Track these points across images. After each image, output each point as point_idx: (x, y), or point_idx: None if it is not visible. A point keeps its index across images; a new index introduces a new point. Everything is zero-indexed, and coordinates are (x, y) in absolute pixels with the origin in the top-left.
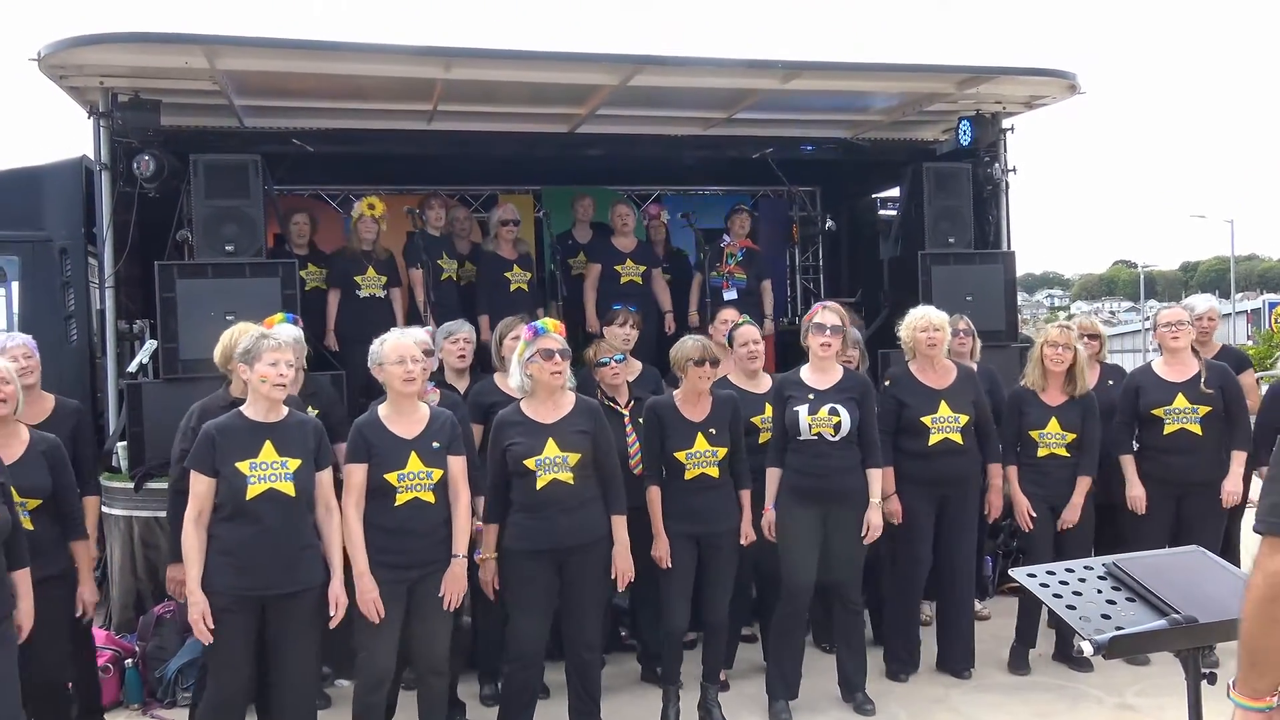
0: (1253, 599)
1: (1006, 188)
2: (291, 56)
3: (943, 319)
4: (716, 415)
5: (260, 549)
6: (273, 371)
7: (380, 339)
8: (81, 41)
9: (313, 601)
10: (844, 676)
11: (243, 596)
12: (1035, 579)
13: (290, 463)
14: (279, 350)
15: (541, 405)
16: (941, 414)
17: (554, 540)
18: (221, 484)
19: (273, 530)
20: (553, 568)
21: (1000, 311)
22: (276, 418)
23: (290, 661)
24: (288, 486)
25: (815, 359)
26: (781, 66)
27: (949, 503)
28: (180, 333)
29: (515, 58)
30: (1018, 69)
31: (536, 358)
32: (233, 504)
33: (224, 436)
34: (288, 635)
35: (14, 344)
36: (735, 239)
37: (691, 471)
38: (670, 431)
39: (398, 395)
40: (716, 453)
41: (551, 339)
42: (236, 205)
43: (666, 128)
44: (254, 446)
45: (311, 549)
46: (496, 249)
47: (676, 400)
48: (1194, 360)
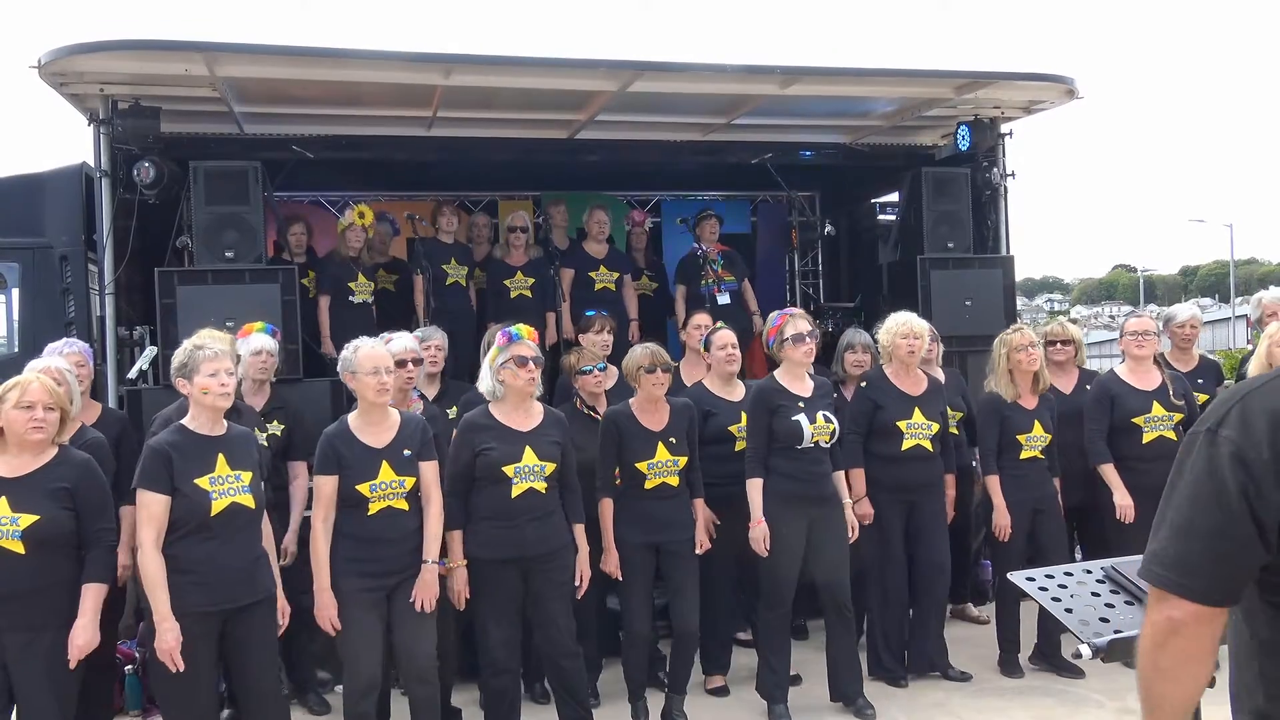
0: (1142, 649)
1: (1005, 192)
2: (291, 63)
3: (923, 326)
4: (675, 424)
5: (222, 563)
6: (213, 382)
7: (353, 345)
8: (81, 49)
9: (270, 609)
10: (837, 677)
11: (205, 614)
12: (1034, 583)
13: (244, 475)
14: (216, 360)
15: (514, 411)
16: (916, 420)
17: (522, 549)
18: (180, 501)
19: (234, 544)
20: (519, 576)
21: (999, 316)
22: (222, 430)
23: (255, 670)
24: (248, 499)
25: (793, 367)
26: (780, 72)
27: (917, 508)
28: (180, 339)
29: (514, 64)
30: (1016, 74)
31: (510, 364)
32: (194, 521)
33: (179, 453)
34: (251, 644)
35: (71, 350)
36: (709, 245)
37: (652, 481)
38: (630, 442)
39: (369, 405)
40: (678, 462)
41: (525, 346)
42: (236, 212)
43: (666, 133)
44: (209, 462)
45: (263, 558)
46: (505, 256)
47: (634, 410)
48: (1157, 370)
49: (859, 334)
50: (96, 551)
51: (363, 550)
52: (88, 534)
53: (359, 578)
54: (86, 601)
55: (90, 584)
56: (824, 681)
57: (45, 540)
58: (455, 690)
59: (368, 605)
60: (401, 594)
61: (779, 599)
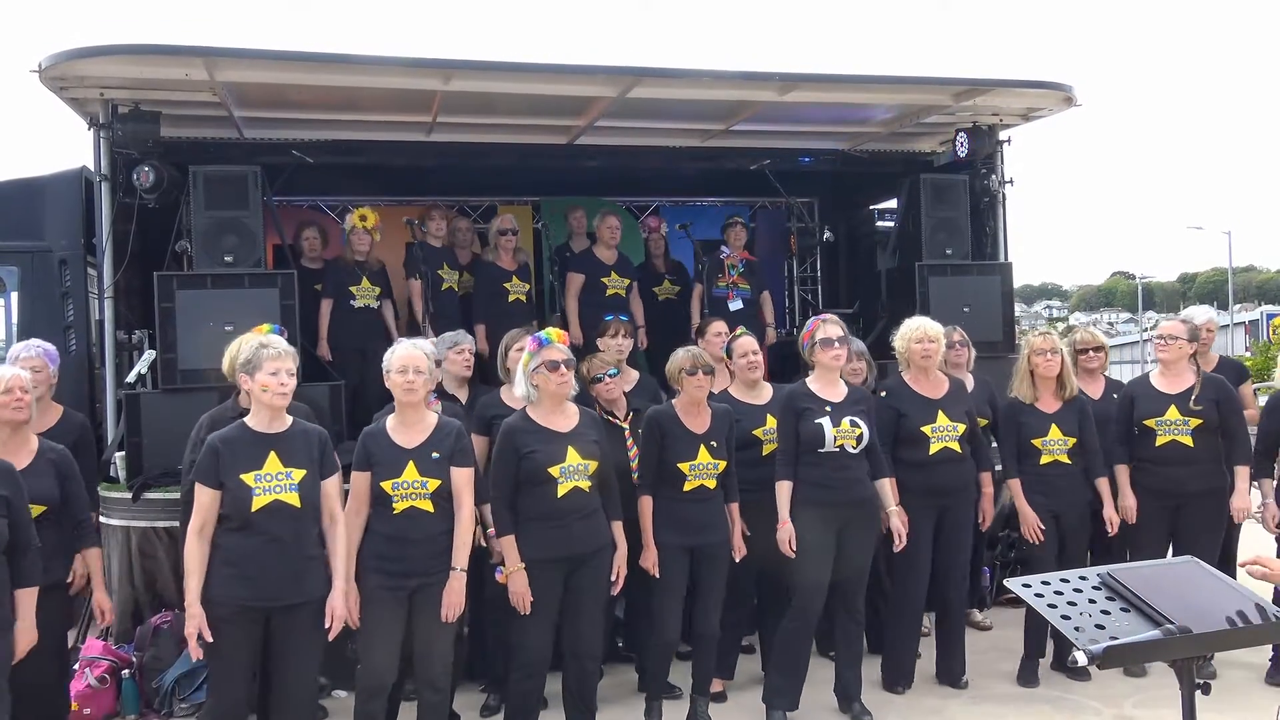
0: None
1: (1003, 199)
2: (291, 68)
3: (938, 330)
4: (717, 428)
5: (266, 560)
6: (273, 380)
7: (392, 348)
8: (82, 53)
9: (315, 613)
10: (840, 683)
11: (246, 608)
12: (1030, 589)
13: (295, 473)
14: (279, 359)
15: (552, 414)
16: (940, 423)
17: (570, 548)
18: (226, 496)
19: (278, 541)
20: (561, 576)
21: (998, 322)
22: (280, 428)
23: (292, 673)
24: (293, 497)
25: (824, 372)
26: (779, 79)
27: (948, 512)
28: (179, 343)
29: (514, 70)
30: (1014, 81)
31: (542, 369)
32: (239, 516)
33: (228, 448)
34: (290, 647)
35: (32, 353)
36: (734, 251)
37: (691, 483)
38: (672, 442)
39: (401, 405)
40: (717, 465)
41: (556, 350)
42: (236, 216)
43: (665, 139)
44: (258, 458)
45: (316, 560)
46: (496, 259)
47: (678, 411)
48: (1190, 373)
49: (854, 342)
50: (27, 556)
51: (388, 548)
52: (16, 541)
53: (382, 575)
54: (22, 605)
55: (22, 589)
56: (821, 686)
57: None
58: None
59: (389, 604)
60: (422, 597)
61: (806, 607)
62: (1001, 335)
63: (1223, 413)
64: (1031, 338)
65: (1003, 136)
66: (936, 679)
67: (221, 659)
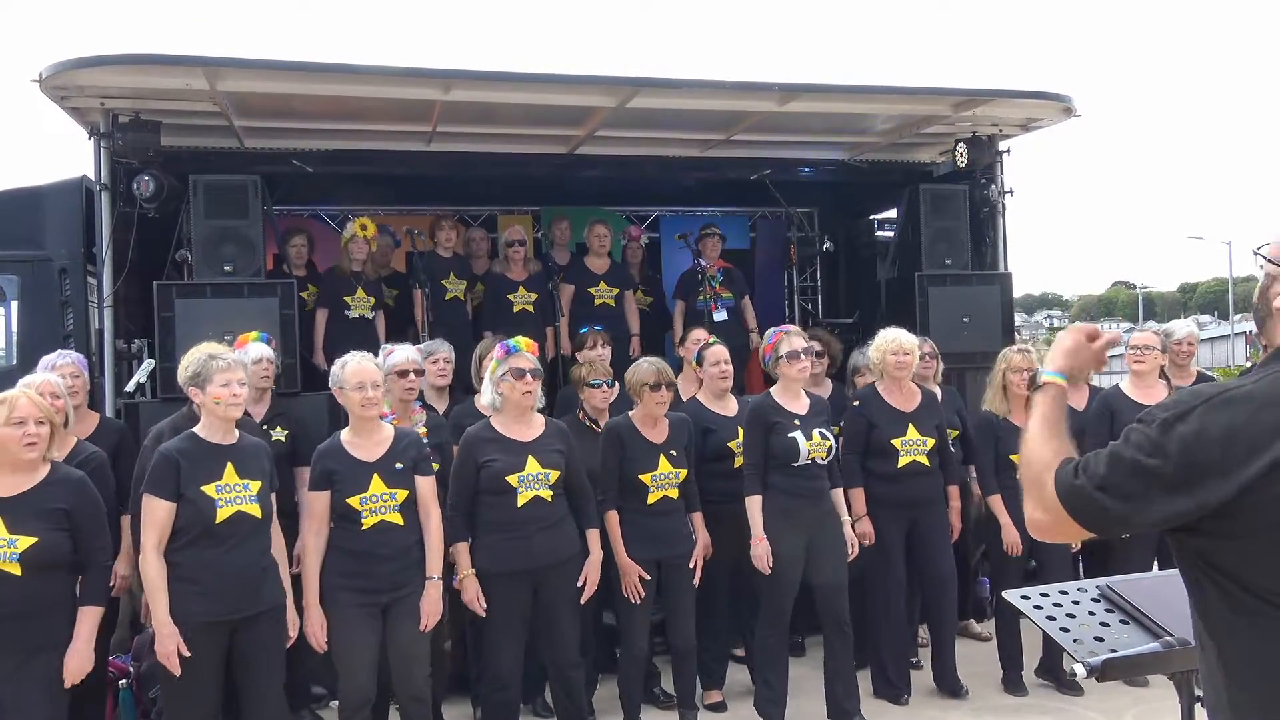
0: None
1: (1003, 209)
2: (291, 78)
3: (913, 342)
4: (675, 437)
5: (228, 573)
6: (225, 392)
7: (341, 361)
8: (83, 63)
9: (279, 620)
10: (833, 695)
11: (211, 624)
12: (1029, 601)
13: (252, 484)
14: (228, 370)
15: (515, 423)
16: (910, 436)
17: (530, 560)
18: (185, 508)
19: (239, 553)
20: (527, 588)
21: (997, 333)
22: (232, 439)
23: (262, 682)
24: (254, 509)
25: (790, 384)
26: (778, 89)
27: (918, 524)
28: (178, 352)
29: (513, 80)
30: (1013, 91)
31: (508, 376)
32: (199, 528)
33: (186, 459)
34: (256, 656)
35: (64, 361)
36: (710, 262)
37: (654, 494)
38: (632, 453)
39: (358, 420)
40: (678, 474)
41: (523, 358)
42: (235, 226)
43: (665, 149)
44: (217, 469)
45: (271, 569)
46: (505, 270)
47: (635, 422)
48: (1161, 384)
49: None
50: (92, 573)
51: (357, 565)
52: (83, 555)
53: (354, 593)
54: (83, 626)
55: (87, 607)
56: (821, 698)
57: (42, 563)
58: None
59: (362, 620)
60: (397, 610)
61: (777, 616)
62: (1001, 345)
63: None
64: (1009, 354)
65: (1002, 146)
66: (936, 689)
67: (189, 678)
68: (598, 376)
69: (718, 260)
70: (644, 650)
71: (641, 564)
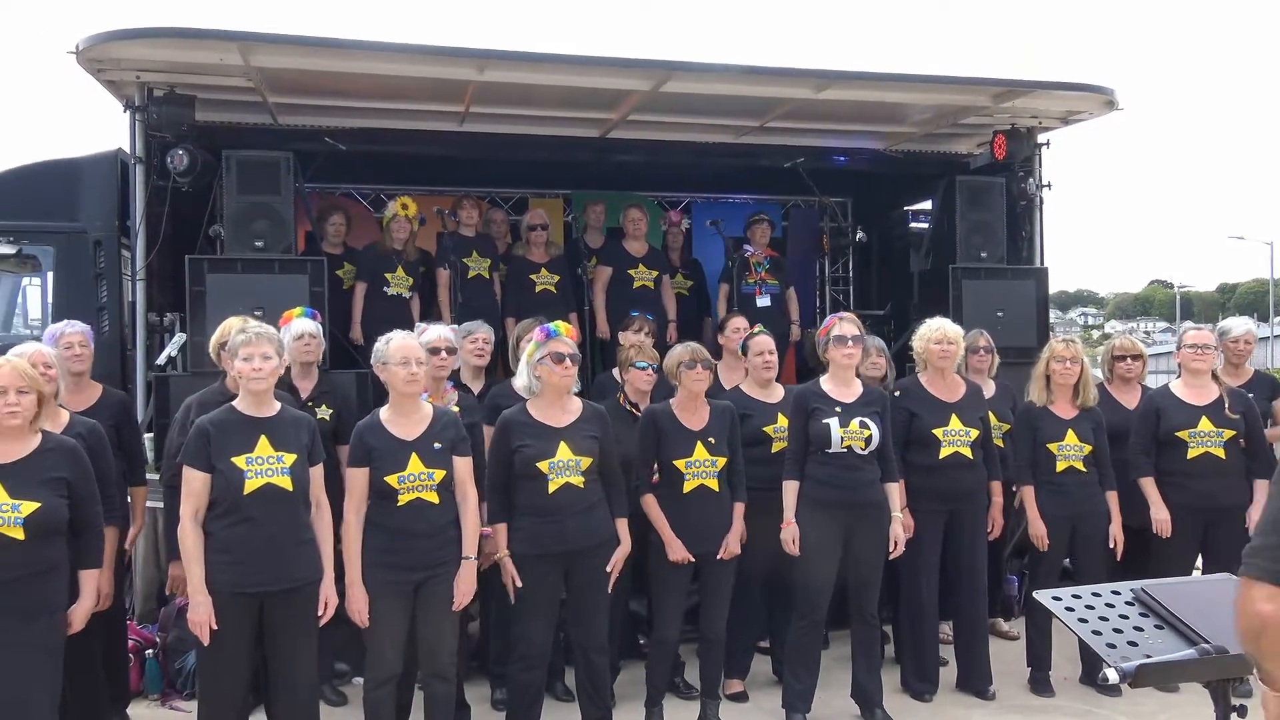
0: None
1: (1040, 203)
2: (325, 55)
3: (957, 332)
4: (715, 424)
5: (258, 545)
6: (247, 366)
7: (385, 338)
8: (118, 36)
9: (311, 597)
10: (860, 692)
11: (240, 594)
12: (1060, 603)
13: (286, 457)
14: (253, 344)
15: (550, 408)
16: (953, 427)
17: (564, 543)
18: (217, 479)
19: (270, 525)
20: (559, 571)
21: (1032, 328)
22: (270, 412)
23: (290, 658)
24: (285, 481)
25: (838, 370)
26: (814, 76)
27: (957, 518)
28: (209, 327)
29: (548, 61)
30: (1054, 83)
31: (547, 360)
32: (229, 499)
33: (219, 430)
34: (287, 631)
35: (72, 330)
36: (758, 248)
37: (690, 483)
38: (668, 439)
39: (399, 396)
40: (716, 462)
41: (562, 342)
42: (267, 202)
43: (698, 134)
44: (249, 441)
45: (308, 544)
46: (526, 253)
47: (674, 408)
48: (1214, 384)
49: (872, 339)
50: (88, 537)
51: (392, 542)
52: (79, 521)
53: (386, 569)
54: (87, 586)
55: (87, 570)
56: (843, 692)
57: (44, 528)
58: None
59: (394, 596)
60: (428, 589)
61: (811, 607)
62: (1036, 341)
63: (1247, 425)
64: (1054, 344)
65: (1041, 139)
66: (956, 687)
67: (218, 648)
68: (644, 359)
69: (766, 248)
70: (674, 637)
71: None
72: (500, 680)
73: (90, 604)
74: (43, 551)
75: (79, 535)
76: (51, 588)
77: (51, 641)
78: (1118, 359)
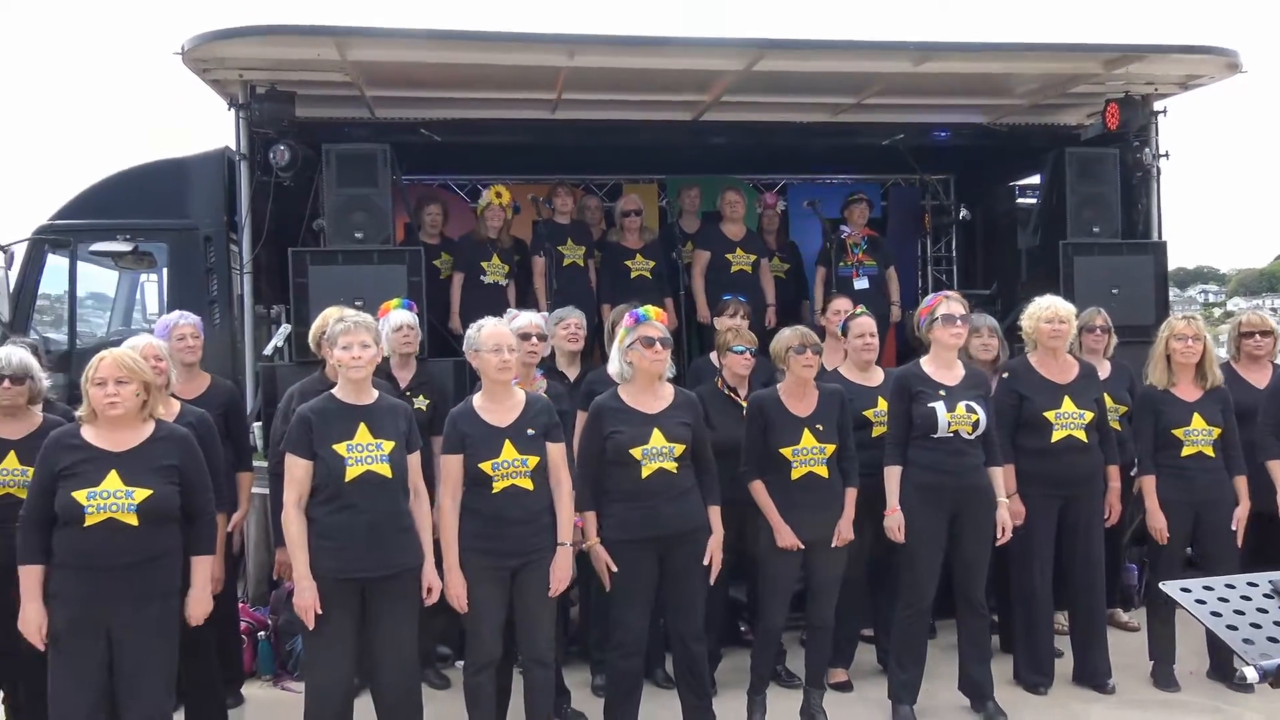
0: None
1: (1158, 174)
2: (418, 46)
3: (1069, 310)
4: (824, 410)
5: (359, 531)
6: (346, 355)
7: (477, 325)
8: (221, 35)
9: (411, 583)
10: (969, 682)
11: (343, 580)
12: (1190, 595)
13: (385, 444)
14: (351, 333)
15: (642, 394)
16: (1066, 409)
17: (658, 529)
18: (319, 466)
19: (370, 512)
20: (654, 557)
21: (1150, 306)
22: (368, 400)
23: (392, 642)
24: (384, 468)
25: (941, 351)
26: (914, 49)
27: (1072, 504)
28: (311, 317)
29: (639, 44)
30: (1173, 46)
31: (637, 345)
32: (331, 486)
33: (319, 419)
34: (388, 617)
35: (185, 322)
36: (856, 229)
37: (798, 470)
38: (775, 426)
39: (492, 383)
40: (825, 449)
41: (652, 326)
42: (366, 194)
43: (793, 114)
44: (349, 429)
45: (408, 531)
46: (621, 239)
47: (781, 394)
48: None
49: (984, 318)
50: (200, 524)
51: (488, 528)
52: (191, 508)
53: (482, 555)
54: (198, 574)
55: (199, 557)
56: (951, 683)
57: (156, 514)
58: (564, 669)
59: (491, 582)
60: (526, 575)
61: (917, 595)
62: (1154, 319)
63: None
64: (1173, 321)
65: (1158, 107)
66: (1073, 680)
67: (322, 633)
68: (741, 343)
69: (864, 228)
70: (780, 625)
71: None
72: (600, 666)
73: (204, 591)
74: (156, 537)
75: (191, 522)
76: (165, 573)
77: (166, 625)
78: (1245, 335)
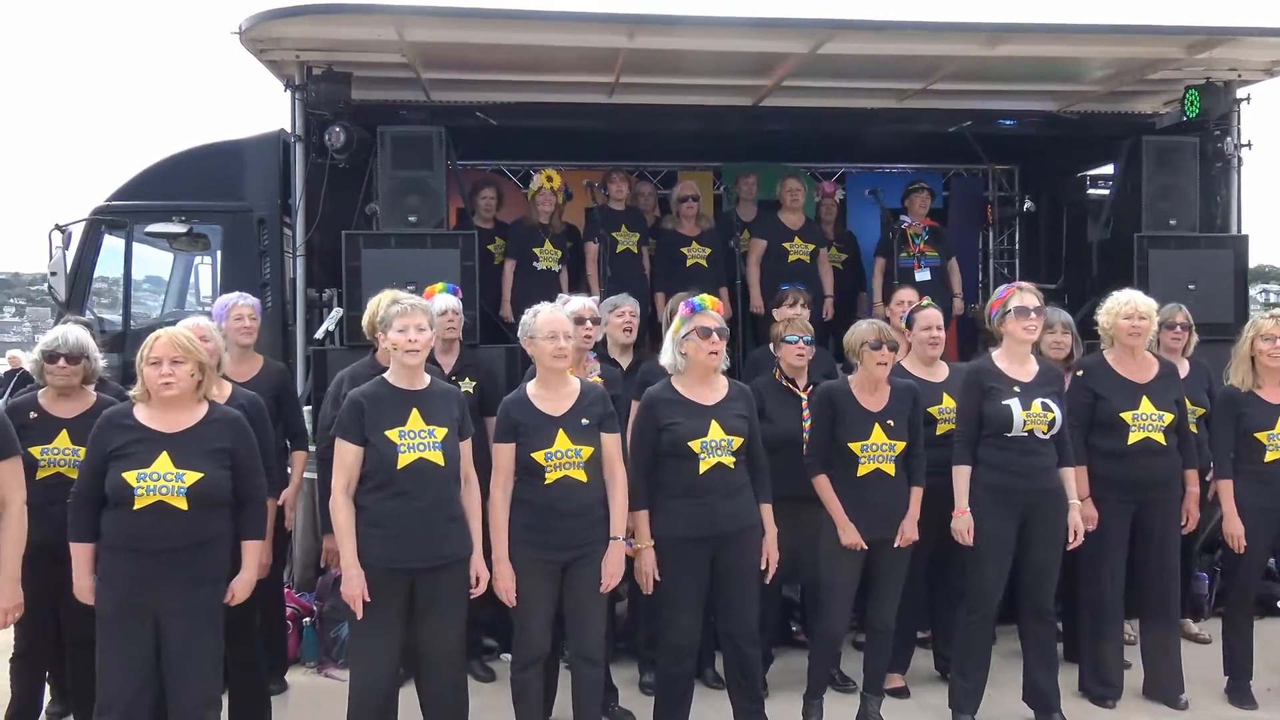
0: None
1: (1239, 164)
2: (476, 26)
3: (1150, 306)
4: (896, 406)
5: (410, 520)
6: (402, 338)
7: (533, 310)
8: (277, 14)
9: (460, 574)
10: (1035, 692)
11: (392, 569)
12: None
13: (438, 431)
14: (407, 315)
15: (698, 385)
16: (1144, 410)
17: (713, 526)
18: (370, 452)
19: (422, 501)
20: (706, 556)
21: (1228, 302)
22: (421, 385)
23: (438, 633)
24: (437, 456)
25: (1015, 346)
26: (987, 30)
27: (1147, 509)
28: (364, 301)
29: (700, 24)
30: (1259, 29)
31: (693, 335)
32: (382, 473)
33: (372, 404)
34: (436, 607)
35: (244, 303)
36: (916, 219)
37: (865, 466)
38: (845, 419)
39: (547, 371)
40: (894, 446)
41: (709, 317)
42: (420, 177)
43: (857, 100)
44: (402, 415)
45: (458, 520)
46: (677, 226)
47: (852, 387)
48: None
49: (1058, 313)
50: (251, 508)
51: (539, 520)
52: (242, 493)
53: (533, 548)
54: (249, 557)
55: (250, 541)
56: (1013, 692)
57: (206, 499)
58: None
59: (541, 576)
60: (577, 570)
61: (983, 601)
62: (1234, 317)
63: None
64: (1260, 320)
65: (1241, 94)
66: (1143, 694)
67: (369, 622)
68: (794, 332)
69: (924, 218)
70: (842, 630)
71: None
72: (649, 664)
73: (253, 575)
74: (206, 521)
75: (243, 506)
76: (214, 557)
77: (213, 609)
78: None
